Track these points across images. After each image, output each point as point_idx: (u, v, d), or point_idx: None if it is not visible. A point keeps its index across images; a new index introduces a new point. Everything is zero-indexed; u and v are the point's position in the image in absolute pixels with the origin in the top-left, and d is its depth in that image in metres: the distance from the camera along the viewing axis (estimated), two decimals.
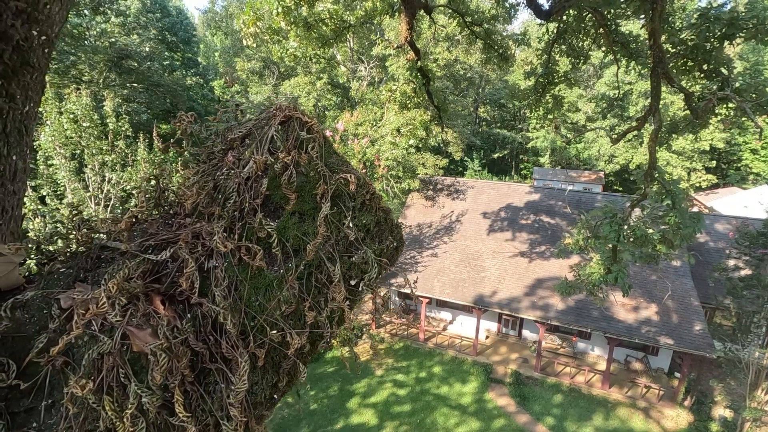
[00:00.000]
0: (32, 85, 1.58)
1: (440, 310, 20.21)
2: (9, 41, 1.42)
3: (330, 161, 0.79)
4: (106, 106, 12.30)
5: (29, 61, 1.52)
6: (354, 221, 0.78)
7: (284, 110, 0.79)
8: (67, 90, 12.49)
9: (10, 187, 1.51)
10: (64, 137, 11.82)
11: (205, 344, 0.68)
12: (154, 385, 0.62)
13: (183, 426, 0.64)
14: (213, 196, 0.75)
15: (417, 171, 21.84)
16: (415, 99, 13.59)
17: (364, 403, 15.47)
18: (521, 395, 15.52)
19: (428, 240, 20.30)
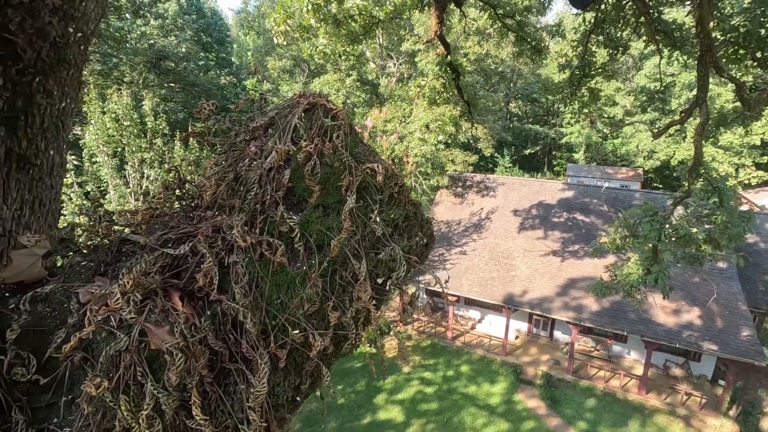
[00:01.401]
0: (68, 81, 1.61)
1: (468, 309, 19.95)
2: (46, 38, 1.45)
3: (356, 151, 0.74)
4: (144, 105, 12.78)
5: (66, 57, 1.55)
6: (381, 215, 0.73)
7: (308, 97, 0.75)
8: (109, 90, 13.06)
9: (48, 181, 1.55)
10: (106, 136, 12.37)
11: (224, 343, 0.65)
12: (170, 386, 0.60)
13: (200, 429, 0.61)
14: (234, 188, 0.72)
15: (446, 167, 21.59)
16: (444, 94, 13.40)
17: (390, 400, 15.49)
18: (552, 398, 15.12)
19: (457, 237, 20.06)
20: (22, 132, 1.43)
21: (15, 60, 1.37)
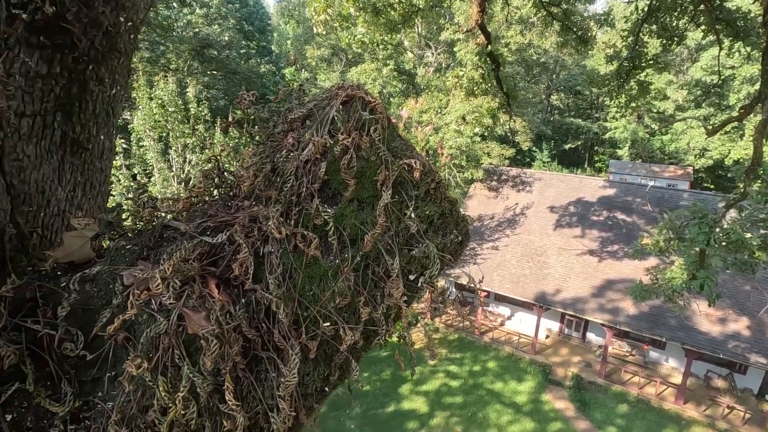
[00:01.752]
0: (119, 69, 1.69)
1: (498, 305, 19.66)
2: (99, 27, 1.52)
3: (393, 145, 0.73)
4: (188, 92, 13.21)
5: (116, 46, 1.62)
6: (417, 212, 0.72)
7: (347, 89, 0.74)
8: (156, 77, 13.60)
9: (98, 164, 1.63)
10: (153, 121, 12.91)
11: (257, 332, 0.66)
12: (205, 371, 0.62)
13: (232, 414, 0.63)
14: (271, 179, 0.73)
15: (481, 160, 21.17)
16: (482, 85, 13.09)
17: (415, 390, 15.58)
18: (582, 400, 14.73)
19: (489, 232, 19.72)
20: (76, 117, 1.51)
21: (71, 48, 1.44)
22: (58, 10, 1.38)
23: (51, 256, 0.68)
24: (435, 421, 14.18)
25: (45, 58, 1.38)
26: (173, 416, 0.61)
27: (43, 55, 1.37)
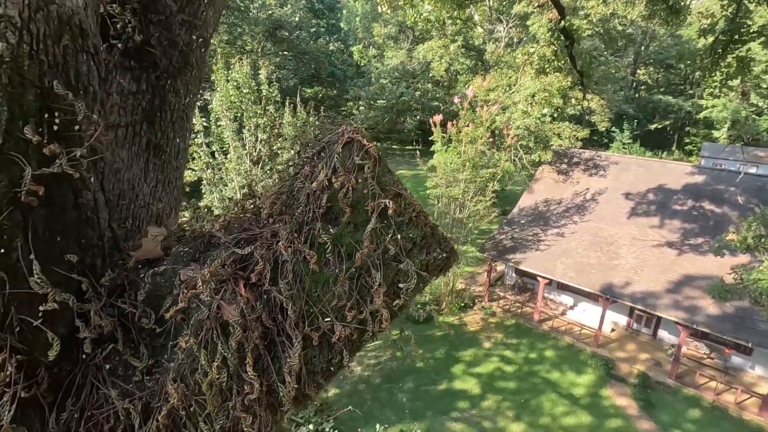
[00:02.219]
0: (191, 80, 1.97)
1: (560, 294, 18.94)
2: (176, 47, 1.79)
3: (383, 180, 0.88)
4: (260, 74, 13.94)
5: (189, 61, 1.89)
6: (402, 234, 0.87)
7: (349, 132, 0.90)
8: (233, 59, 14.51)
9: (174, 163, 1.95)
10: (229, 102, 13.88)
11: (274, 322, 0.87)
12: (232, 348, 0.84)
13: (252, 382, 0.85)
14: (288, 204, 0.91)
15: (551, 142, 20.09)
16: (554, 62, 12.37)
17: (468, 372, 15.72)
18: (647, 400, 13.97)
19: (555, 218, 18.88)
20: (157, 125, 1.81)
21: (154, 68, 1.73)
22: (145, 37, 1.67)
23: (133, 256, 0.94)
24: (486, 403, 14.29)
25: (135, 78, 1.68)
26: (211, 378, 0.84)
27: (133, 76, 1.67)
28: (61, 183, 0.83)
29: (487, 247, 19.07)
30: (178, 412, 0.85)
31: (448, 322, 18.39)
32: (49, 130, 0.79)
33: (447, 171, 16.78)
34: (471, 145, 16.62)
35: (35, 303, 0.78)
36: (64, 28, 0.81)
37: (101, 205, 0.94)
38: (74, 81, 0.84)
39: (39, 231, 0.79)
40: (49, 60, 0.78)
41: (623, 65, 33.99)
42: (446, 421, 13.61)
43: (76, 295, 0.84)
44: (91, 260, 0.92)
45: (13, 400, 0.76)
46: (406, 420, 13.56)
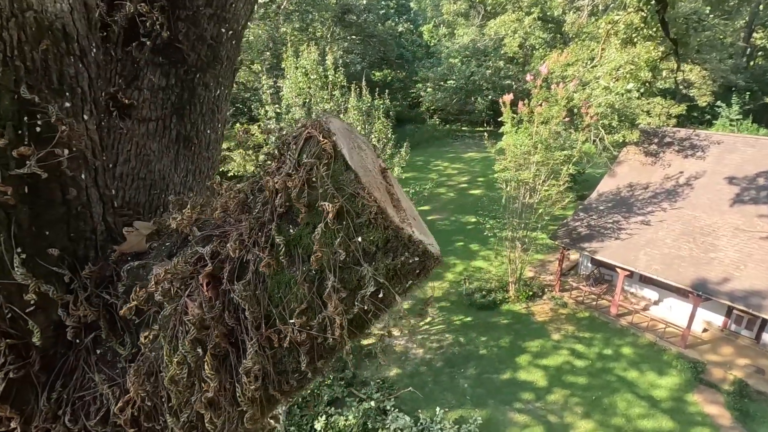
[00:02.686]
0: (222, 73, 2.02)
1: (643, 287, 17.35)
2: (204, 41, 1.85)
3: (341, 178, 0.81)
4: (327, 60, 14.20)
5: (219, 55, 1.94)
6: (361, 236, 0.80)
7: (309, 128, 0.84)
8: (302, 47, 14.92)
9: (205, 154, 2.04)
10: (298, 89, 14.37)
11: (237, 322, 0.86)
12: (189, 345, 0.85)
13: (209, 380, 0.85)
14: (245, 202, 0.89)
15: (638, 120, 18.13)
16: (644, 31, 11.03)
17: (534, 363, 15.14)
18: (743, 410, 12.45)
19: (640, 204, 17.18)
20: (187, 118, 1.90)
21: (182, 62, 1.81)
22: (172, 33, 1.74)
23: (117, 249, 0.99)
24: (552, 397, 13.70)
25: (164, 74, 1.77)
26: (172, 373, 0.86)
27: (163, 71, 1.76)
28: (48, 180, 0.89)
29: (559, 235, 17.97)
30: (144, 403, 0.89)
31: (514, 310, 17.77)
32: (31, 132, 0.84)
33: (516, 153, 15.94)
34: (544, 126, 15.60)
35: (26, 293, 0.85)
36: (43, 33, 0.85)
37: (94, 200, 0.99)
38: (58, 84, 0.89)
39: (24, 226, 0.85)
40: (27, 65, 0.82)
41: (734, 29, 29.30)
42: (508, 411, 13.28)
43: (65, 285, 0.91)
44: (84, 252, 0.98)
45: (4, 378, 0.85)
46: (467, 406, 13.47)
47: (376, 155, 1.07)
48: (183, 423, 0.88)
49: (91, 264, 0.94)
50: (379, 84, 30.09)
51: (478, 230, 21.84)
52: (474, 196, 28.49)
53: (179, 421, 0.89)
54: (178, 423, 0.89)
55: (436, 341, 16.39)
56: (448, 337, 16.52)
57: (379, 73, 36.79)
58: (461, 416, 12.88)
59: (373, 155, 1.02)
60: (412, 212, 0.99)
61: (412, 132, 35.86)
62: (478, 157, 35.03)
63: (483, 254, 21.66)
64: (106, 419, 0.91)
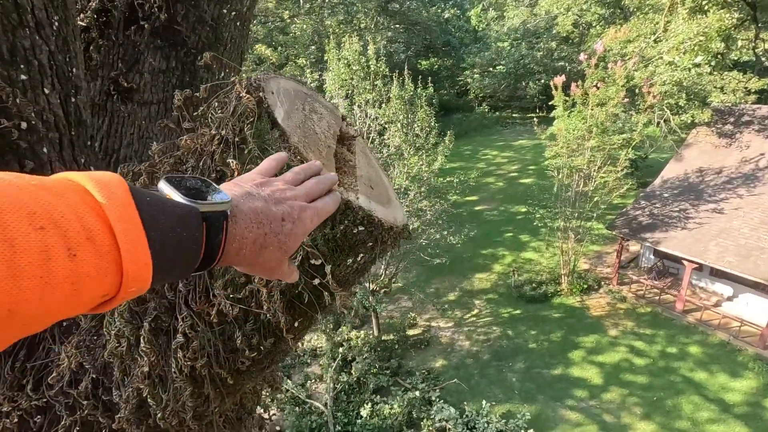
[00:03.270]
0: (226, 55, 2.02)
1: (714, 281, 15.83)
2: (205, 23, 1.85)
3: (266, 138, 0.74)
4: (369, 50, 14.12)
5: (220, 36, 1.93)
6: None
7: (237, 83, 0.77)
8: (344, 38, 14.95)
9: None
10: (341, 80, 14.45)
11: (175, 297, 0.83)
12: (125, 318, 0.83)
13: (146, 353, 0.83)
14: (177, 168, 0.84)
15: (709, 98, 16.43)
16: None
17: (588, 359, 14.38)
18: None
19: (711, 191, 15.65)
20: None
21: (182, 45, 1.81)
22: (170, 15, 1.75)
23: None
24: (608, 395, 12.95)
25: (164, 56, 1.78)
26: (111, 347, 0.85)
27: (163, 54, 1.78)
28: (4, 152, 0.89)
29: (617, 224, 16.82)
30: (92, 375, 0.88)
31: (567, 304, 16.94)
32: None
33: (569, 139, 15.06)
34: (600, 108, 14.59)
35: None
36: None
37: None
38: (9, 56, 0.89)
39: None
40: None
41: None
42: (560, 407, 12.74)
43: None
44: None
45: None
46: (514, 400, 13.08)
47: (341, 122, 0.99)
48: (128, 396, 0.87)
49: None
50: (426, 73, 29.61)
51: (528, 220, 20.98)
52: (524, 185, 27.40)
53: (123, 395, 0.87)
54: (122, 396, 0.87)
55: (483, 333, 16.03)
56: (496, 329, 16.09)
57: (426, 62, 36.16)
58: (509, 410, 12.53)
59: (334, 121, 0.94)
60: (374, 181, 0.90)
61: (459, 121, 35.05)
62: (529, 145, 33.57)
63: (533, 245, 20.82)
64: (67, 390, 0.92)
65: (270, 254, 0.60)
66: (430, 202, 15.02)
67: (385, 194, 0.90)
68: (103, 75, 1.64)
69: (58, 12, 1.01)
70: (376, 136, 14.65)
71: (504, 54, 30.90)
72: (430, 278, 18.97)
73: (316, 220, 0.65)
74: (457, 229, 16.69)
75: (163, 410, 0.84)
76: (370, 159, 0.99)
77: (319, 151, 0.78)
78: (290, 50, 21.27)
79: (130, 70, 1.69)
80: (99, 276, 0.41)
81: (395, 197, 0.97)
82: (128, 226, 0.42)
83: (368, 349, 14.24)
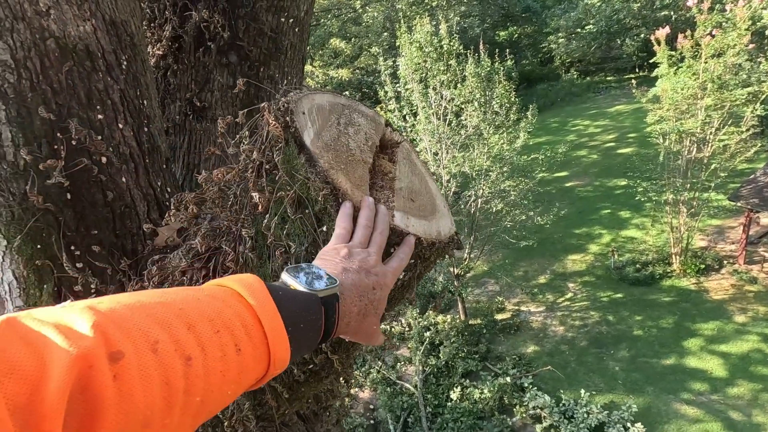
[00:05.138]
0: (287, 63, 2.07)
1: None
2: (264, 35, 1.91)
3: (295, 163, 0.72)
4: (441, 29, 13.67)
5: (280, 45, 1.99)
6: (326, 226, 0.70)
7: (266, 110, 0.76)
8: (415, 20, 14.66)
9: None
10: (414, 65, 14.24)
11: None
12: None
13: None
14: (223, 196, 0.87)
15: None
16: None
17: (709, 348, 12.74)
18: None
19: None
20: (256, 112, 2.00)
21: (245, 59, 1.90)
22: (232, 32, 1.84)
23: (150, 244, 1.09)
24: (735, 390, 11.40)
25: (230, 73, 1.89)
26: None
27: (229, 71, 1.88)
28: (89, 186, 1.02)
29: (743, 194, 14.47)
30: None
31: (679, 286, 15.12)
32: (68, 146, 0.96)
33: (677, 99, 13.20)
34: (716, 60, 12.54)
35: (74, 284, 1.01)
36: (67, 56, 0.96)
37: (138, 200, 1.11)
38: (86, 99, 1.00)
39: (73, 227, 0.99)
40: (54, 87, 0.94)
41: None
42: (673, 401, 11.52)
43: (111, 277, 1.05)
44: (132, 246, 1.11)
45: None
46: (618, 391, 12.12)
47: (384, 128, 0.95)
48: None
49: (126, 258, 1.07)
50: (504, 44, 27.92)
51: (628, 195, 18.97)
52: (623, 155, 24.76)
53: None
54: None
55: (579, 318, 15.00)
56: (593, 314, 14.95)
57: (504, 33, 34.07)
58: (611, 401, 11.67)
59: (374, 130, 0.91)
60: (416, 192, 0.85)
61: (544, 91, 32.60)
62: (628, 111, 30.12)
63: (635, 222, 18.81)
64: None
65: (369, 321, 0.69)
66: (514, 181, 14.32)
67: (429, 205, 0.85)
68: (180, 97, 1.80)
69: (126, 51, 1.12)
70: (453, 118, 14.28)
71: (594, 11, 27.80)
72: (517, 261, 18.18)
73: (394, 280, 0.73)
74: (546, 208, 15.71)
75: (229, 419, 0.91)
76: (415, 165, 0.95)
77: (353, 169, 0.76)
78: (363, 40, 21.46)
79: (202, 89, 1.82)
80: (256, 364, 0.51)
81: (443, 204, 0.92)
82: (272, 319, 0.53)
83: (455, 333, 14.18)
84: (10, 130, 0.89)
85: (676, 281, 15.22)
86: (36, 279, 0.99)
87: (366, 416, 12.60)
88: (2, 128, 0.88)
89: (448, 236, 0.82)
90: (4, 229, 0.92)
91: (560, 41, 31.40)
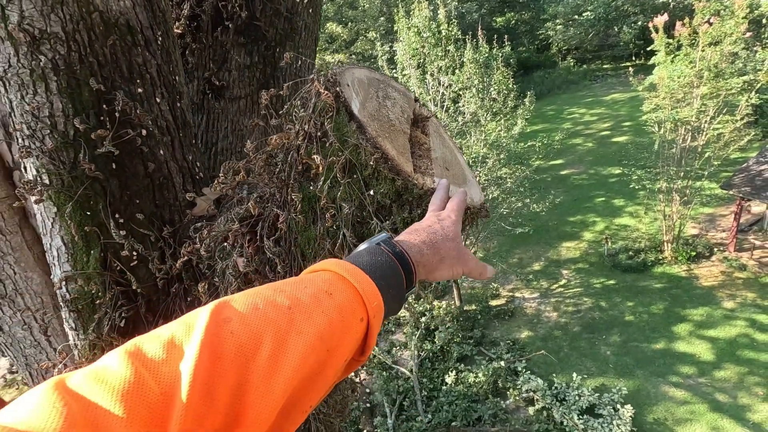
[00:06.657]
0: (301, 43, 2.10)
1: None
2: (280, 15, 1.93)
3: (345, 130, 0.77)
4: (439, 14, 13.55)
5: (295, 26, 2.01)
6: (374, 189, 0.76)
7: (316, 80, 0.81)
8: (413, 5, 14.49)
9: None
10: (412, 50, 14.13)
11: (275, 276, 0.93)
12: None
13: None
14: (270, 163, 0.92)
15: None
16: None
17: (697, 333, 13.06)
18: None
19: None
20: None
21: (262, 39, 1.92)
22: (250, 12, 1.86)
23: (190, 213, 1.14)
24: (722, 373, 11.73)
25: (248, 52, 1.91)
26: None
27: (246, 50, 1.91)
28: (131, 157, 1.06)
29: (735, 182, 14.68)
30: None
31: (671, 273, 15.39)
32: (111, 118, 1.00)
33: (673, 87, 13.26)
34: (713, 48, 12.58)
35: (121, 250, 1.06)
36: (110, 30, 0.99)
37: (174, 172, 1.15)
38: (128, 73, 1.04)
39: (117, 195, 1.04)
40: (99, 60, 0.98)
41: None
42: (662, 384, 11.85)
43: (154, 244, 1.10)
44: (170, 216, 1.16)
45: (120, 316, 1.07)
46: (609, 374, 12.42)
47: (414, 104, 1.00)
48: None
49: (168, 226, 1.12)
50: (502, 30, 27.69)
51: (622, 183, 19.16)
52: (618, 144, 24.91)
53: None
54: None
55: (572, 305, 15.26)
56: (587, 300, 15.21)
57: (501, 19, 33.77)
58: (602, 384, 11.96)
59: (407, 104, 0.96)
60: (449, 162, 0.91)
61: (541, 79, 32.50)
62: (624, 99, 30.20)
63: (629, 210, 19.03)
64: None
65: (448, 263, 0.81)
66: (511, 169, 14.38)
67: (461, 174, 0.90)
68: (198, 76, 1.82)
69: (160, 27, 1.15)
70: (451, 104, 14.23)
71: None
72: (512, 248, 18.36)
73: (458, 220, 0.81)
74: (541, 195, 15.83)
75: None
76: (445, 138, 1.00)
77: (392, 137, 0.81)
78: (360, 25, 21.18)
79: (220, 68, 1.85)
80: (352, 305, 0.60)
81: (472, 175, 0.97)
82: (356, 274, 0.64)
83: (451, 319, 14.38)
84: (61, 101, 0.93)
85: (667, 268, 15.48)
86: (84, 245, 1.03)
87: (362, 399, 12.82)
88: (54, 99, 0.92)
89: (479, 203, 0.88)
90: (55, 196, 0.97)
91: (558, 28, 31.21)
